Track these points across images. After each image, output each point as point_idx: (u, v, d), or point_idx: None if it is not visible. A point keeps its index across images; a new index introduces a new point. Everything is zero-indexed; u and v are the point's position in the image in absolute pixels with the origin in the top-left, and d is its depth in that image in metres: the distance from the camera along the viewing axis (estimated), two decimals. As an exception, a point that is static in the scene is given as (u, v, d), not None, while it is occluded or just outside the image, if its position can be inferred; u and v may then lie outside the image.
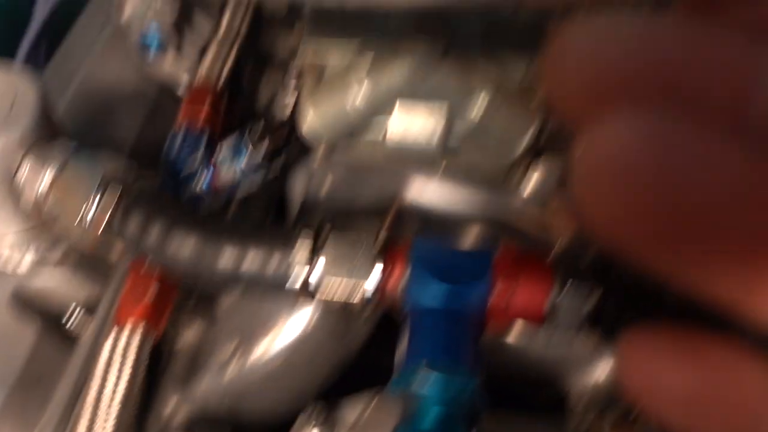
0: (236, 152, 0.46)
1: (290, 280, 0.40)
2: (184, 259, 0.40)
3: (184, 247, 0.40)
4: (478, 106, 0.40)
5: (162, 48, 0.57)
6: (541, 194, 0.56)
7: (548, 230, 0.57)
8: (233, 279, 0.41)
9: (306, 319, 0.50)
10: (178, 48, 0.58)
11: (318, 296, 0.41)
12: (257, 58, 0.63)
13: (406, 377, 0.36)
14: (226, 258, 0.40)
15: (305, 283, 0.40)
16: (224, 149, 0.46)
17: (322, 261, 0.39)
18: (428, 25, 0.42)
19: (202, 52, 0.59)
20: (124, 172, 0.43)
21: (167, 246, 0.40)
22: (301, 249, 0.39)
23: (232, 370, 0.50)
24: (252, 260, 0.40)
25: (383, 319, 0.53)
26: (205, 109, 0.54)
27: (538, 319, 0.40)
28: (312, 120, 0.41)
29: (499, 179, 0.48)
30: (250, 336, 0.50)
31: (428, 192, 0.55)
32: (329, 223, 0.41)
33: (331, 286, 0.40)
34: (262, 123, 0.46)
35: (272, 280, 0.40)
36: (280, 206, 0.60)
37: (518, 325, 0.46)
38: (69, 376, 0.45)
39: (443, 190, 0.55)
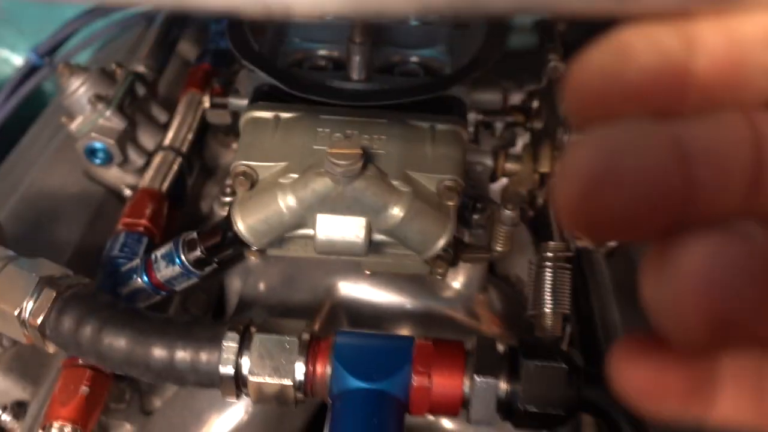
0: (170, 260, 0.48)
1: (217, 379, 0.42)
2: (116, 358, 0.42)
3: (115, 346, 0.41)
4: (397, 211, 0.44)
5: (108, 159, 0.61)
6: (467, 292, 0.60)
7: (474, 324, 0.60)
8: (163, 376, 0.42)
9: (239, 414, 0.52)
10: (124, 159, 0.62)
11: (245, 394, 0.42)
12: (201, 166, 0.68)
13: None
14: (156, 357, 0.41)
15: (232, 382, 0.42)
16: (159, 256, 0.49)
17: (247, 362, 0.41)
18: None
19: (148, 160, 0.63)
20: (60, 276, 0.45)
21: (99, 345, 0.42)
22: (227, 350, 0.41)
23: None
24: (181, 359, 0.42)
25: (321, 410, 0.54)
26: (147, 213, 0.57)
27: (455, 407, 0.43)
28: (242, 226, 0.45)
29: (424, 274, 0.52)
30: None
31: (360, 290, 0.58)
32: (256, 323, 0.43)
33: (256, 385, 0.42)
34: (195, 233, 0.49)
35: (200, 379, 0.42)
36: (219, 303, 0.62)
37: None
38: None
39: (373, 287, 0.58)
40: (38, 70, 0.81)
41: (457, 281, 0.60)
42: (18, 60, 0.95)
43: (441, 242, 0.46)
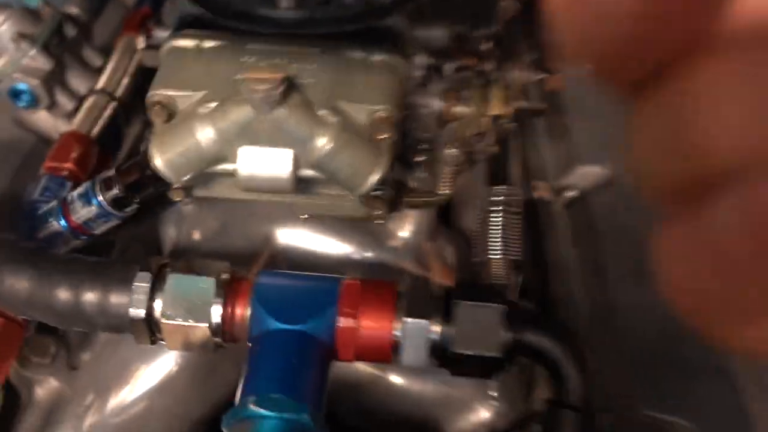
0: (87, 200, 0.45)
1: (127, 323, 0.39)
2: (17, 299, 0.39)
3: (17, 287, 0.39)
4: (324, 142, 0.41)
5: (34, 102, 0.57)
6: (414, 240, 0.58)
7: (422, 274, 0.58)
8: (69, 319, 0.39)
9: (168, 365, 0.49)
10: (52, 102, 0.58)
11: (160, 338, 0.40)
12: (140, 113, 0.64)
13: (237, 413, 0.35)
14: (61, 298, 0.39)
15: (144, 325, 0.39)
16: (76, 196, 0.46)
17: (159, 304, 0.39)
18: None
19: (80, 103, 0.60)
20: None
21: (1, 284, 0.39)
22: (138, 291, 0.38)
23: (91, 418, 0.48)
24: (88, 301, 0.39)
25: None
26: (73, 156, 0.53)
27: (385, 352, 0.40)
28: (160, 161, 0.42)
29: (361, 216, 0.49)
30: (107, 385, 0.49)
31: (300, 237, 0.55)
32: (172, 263, 0.40)
33: (170, 329, 0.39)
34: (113, 170, 0.46)
35: (110, 322, 0.39)
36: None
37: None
38: None
39: (315, 235, 0.55)
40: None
41: (404, 229, 0.57)
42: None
43: (373, 177, 0.43)
